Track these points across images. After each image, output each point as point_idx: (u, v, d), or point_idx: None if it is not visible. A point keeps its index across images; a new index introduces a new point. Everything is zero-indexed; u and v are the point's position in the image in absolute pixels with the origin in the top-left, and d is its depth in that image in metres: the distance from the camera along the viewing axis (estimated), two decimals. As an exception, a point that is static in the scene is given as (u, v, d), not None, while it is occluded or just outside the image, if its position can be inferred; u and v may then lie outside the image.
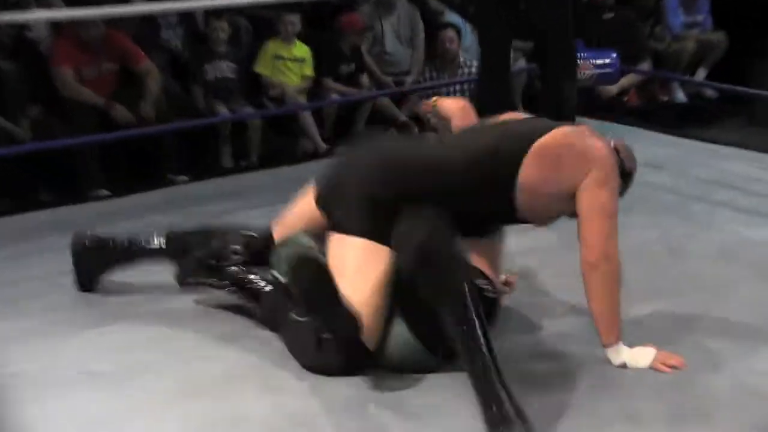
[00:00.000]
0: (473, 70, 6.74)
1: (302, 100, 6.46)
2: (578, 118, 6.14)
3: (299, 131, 6.42)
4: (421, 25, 7.27)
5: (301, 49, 6.53)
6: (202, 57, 6.29)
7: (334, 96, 6.53)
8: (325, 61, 6.63)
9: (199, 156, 6.06)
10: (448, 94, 6.81)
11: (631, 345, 2.97)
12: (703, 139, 5.82)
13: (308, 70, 6.53)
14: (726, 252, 4.00)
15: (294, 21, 6.47)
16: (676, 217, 4.43)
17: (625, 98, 7.55)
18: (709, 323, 3.32)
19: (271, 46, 6.45)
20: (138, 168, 5.60)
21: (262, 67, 6.43)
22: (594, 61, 5.77)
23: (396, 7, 7.18)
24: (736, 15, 7.74)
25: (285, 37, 6.46)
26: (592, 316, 2.97)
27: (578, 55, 5.78)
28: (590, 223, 2.95)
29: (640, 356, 2.97)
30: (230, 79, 6.32)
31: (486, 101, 4.76)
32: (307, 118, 6.38)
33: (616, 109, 7.11)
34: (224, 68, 6.29)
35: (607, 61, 5.80)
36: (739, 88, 6.49)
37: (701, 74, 7.86)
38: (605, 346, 2.98)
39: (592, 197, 2.95)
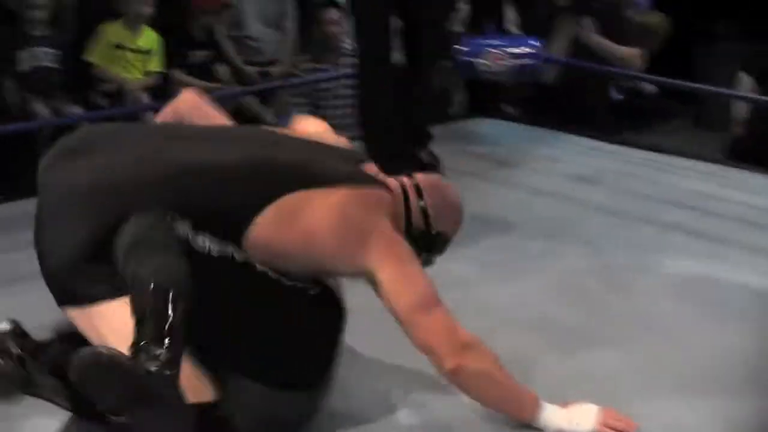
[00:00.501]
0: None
1: (145, 97, 6.39)
2: (482, 119, 6.27)
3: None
4: (290, 3, 7.27)
5: (149, 39, 6.47)
6: (14, 41, 6.17)
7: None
8: (173, 48, 6.57)
9: (10, 168, 5.93)
10: (328, 90, 6.83)
11: (566, 402, 3.00)
12: (643, 146, 5.93)
13: (154, 65, 6.48)
14: (678, 287, 4.07)
15: (148, 2, 6.39)
16: (616, 244, 4.50)
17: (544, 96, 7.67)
18: (660, 374, 3.37)
19: (110, 31, 6.36)
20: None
21: (95, 56, 6.34)
22: (509, 50, 5.81)
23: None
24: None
25: (130, 22, 6.37)
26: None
27: (491, 42, 5.85)
28: (414, 327, 2.89)
29: (580, 417, 2.99)
30: (51, 70, 6.22)
31: (369, 105, 4.79)
32: (149, 120, 6.33)
33: (534, 109, 7.22)
34: (43, 56, 6.19)
35: (527, 50, 5.83)
36: (684, 83, 6.64)
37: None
38: (530, 423, 3.02)
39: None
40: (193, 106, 3.29)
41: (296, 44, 7.16)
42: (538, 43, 5.91)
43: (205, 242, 2.74)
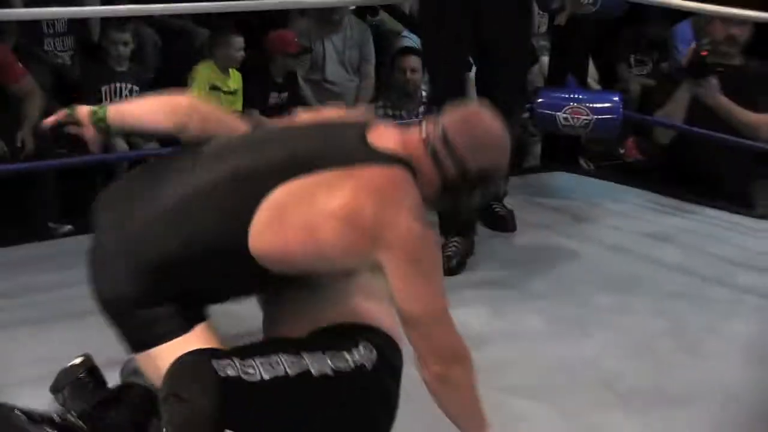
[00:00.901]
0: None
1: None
2: (559, 173, 6.24)
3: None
4: (371, 49, 7.29)
5: (236, 80, 6.50)
6: (98, 76, 6.23)
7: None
8: (252, 89, 6.60)
9: (87, 200, 5.96)
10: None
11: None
12: (719, 206, 5.85)
13: (239, 105, 6.52)
14: (753, 351, 4.01)
15: (239, 46, 6.44)
16: (690, 305, 4.44)
17: (621, 150, 7.61)
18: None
19: (205, 72, 6.39)
20: (10, 214, 5.50)
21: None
22: (592, 105, 5.79)
23: (342, 24, 7.19)
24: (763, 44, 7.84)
25: (223, 64, 6.42)
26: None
27: (571, 95, 5.82)
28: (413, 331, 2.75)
29: None
30: (132, 105, 6.26)
31: None
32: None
33: (609, 164, 7.18)
34: (125, 91, 6.24)
35: (609, 105, 5.81)
36: (757, 144, 6.55)
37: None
38: None
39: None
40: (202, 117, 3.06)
41: (374, 90, 7.17)
42: (618, 98, 5.88)
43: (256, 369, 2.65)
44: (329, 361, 2.66)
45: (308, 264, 2.72)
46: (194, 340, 2.71)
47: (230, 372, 2.56)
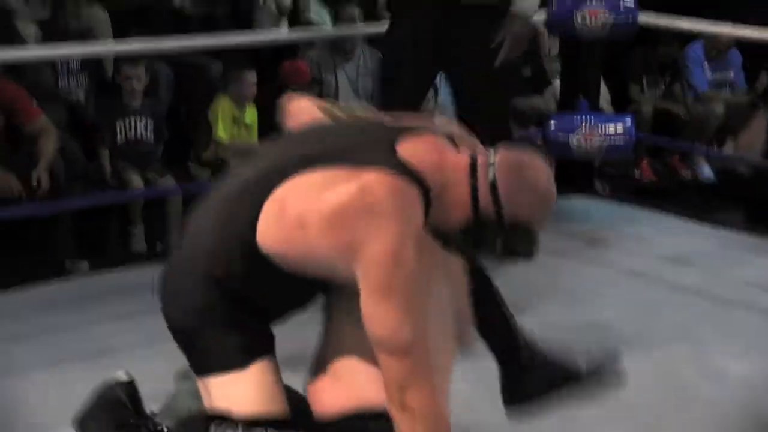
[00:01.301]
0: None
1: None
2: (574, 198, 6.20)
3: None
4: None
5: (252, 114, 6.51)
6: (112, 113, 6.22)
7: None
8: (267, 122, 6.59)
9: (103, 238, 5.97)
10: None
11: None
12: (738, 228, 5.82)
13: (255, 137, 6.52)
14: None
15: (252, 81, 6.44)
16: (713, 330, 4.40)
17: (636, 172, 7.59)
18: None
19: (226, 106, 6.39)
20: (26, 252, 5.49)
21: (222, 132, 6.38)
22: (604, 128, 5.77)
23: (354, 54, 7.17)
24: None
25: (238, 99, 6.43)
26: None
27: (584, 118, 5.80)
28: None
29: None
30: (147, 141, 6.26)
31: None
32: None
33: (624, 187, 7.15)
34: (140, 127, 6.23)
35: (620, 128, 5.79)
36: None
37: (732, 145, 7.92)
38: None
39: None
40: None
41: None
42: (630, 122, 5.85)
43: None
44: None
45: (305, 261, 2.62)
46: (248, 378, 2.65)
47: None
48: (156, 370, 2.85)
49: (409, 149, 2.60)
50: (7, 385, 3.69)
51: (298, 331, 2.93)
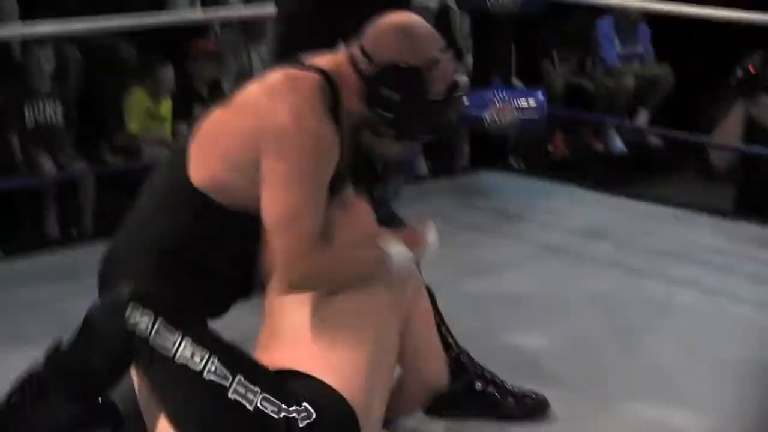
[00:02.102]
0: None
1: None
2: (489, 173, 6.21)
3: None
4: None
5: (167, 107, 6.49)
6: (20, 96, 6.13)
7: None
8: (177, 104, 6.54)
9: (14, 223, 5.89)
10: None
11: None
12: (650, 199, 5.84)
13: (168, 130, 6.49)
14: (688, 344, 3.99)
15: (170, 75, 6.45)
16: (625, 300, 4.40)
17: (550, 147, 7.62)
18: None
19: (140, 99, 6.34)
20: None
21: (134, 126, 6.32)
22: (517, 103, 5.75)
23: (267, 32, 7.11)
24: (682, 44, 7.90)
25: (155, 92, 6.38)
26: None
27: (495, 94, 5.78)
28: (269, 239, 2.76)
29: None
30: (57, 125, 6.18)
31: None
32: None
33: (538, 161, 7.17)
34: (49, 111, 6.15)
35: (533, 102, 5.76)
36: (689, 135, 6.58)
37: (643, 117, 8.00)
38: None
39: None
40: None
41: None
42: (542, 96, 5.83)
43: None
44: (257, 398, 2.54)
45: (231, 176, 2.77)
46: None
47: (140, 326, 2.53)
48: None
49: (310, 59, 2.85)
50: None
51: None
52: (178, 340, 2.52)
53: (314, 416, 2.56)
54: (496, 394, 3.37)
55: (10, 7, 6.71)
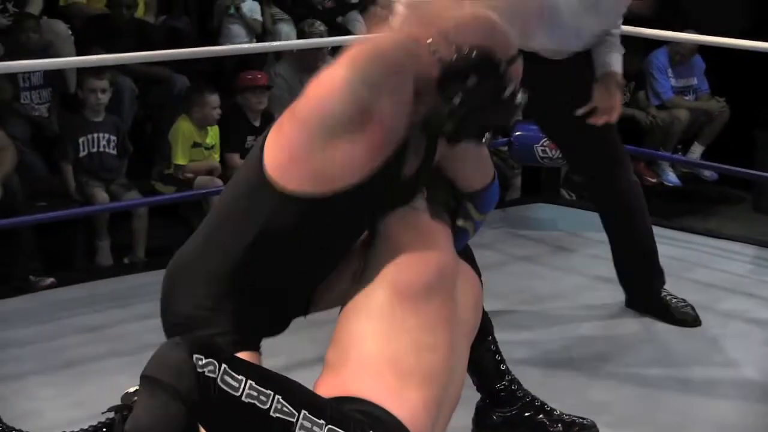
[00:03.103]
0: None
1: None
2: (541, 205, 6.24)
3: (198, 221, 6.35)
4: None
5: (214, 135, 6.53)
6: (75, 127, 6.22)
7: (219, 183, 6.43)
8: (229, 135, 6.61)
9: (69, 253, 5.96)
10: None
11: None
12: (701, 233, 5.87)
13: (217, 157, 6.55)
14: (736, 375, 4.03)
15: (215, 104, 6.46)
16: (676, 331, 4.42)
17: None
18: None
19: (186, 129, 6.39)
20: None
21: (180, 158, 6.38)
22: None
23: (320, 66, 7.18)
24: (738, 78, 7.88)
25: (200, 122, 6.44)
26: None
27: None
28: None
29: None
30: (110, 155, 6.26)
31: None
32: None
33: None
34: (103, 141, 6.23)
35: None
36: (743, 170, 6.57)
37: (697, 151, 7.99)
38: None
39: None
40: None
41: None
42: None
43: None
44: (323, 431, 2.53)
45: (308, 160, 2.69)
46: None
47: (207, 370, 2.45)
48: (122, 382, 2.84)
49: None
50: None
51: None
52: (244, 380, 2.47)
53: None
54: (546, 422, 3.43)
55: (65, 39, 6.84)
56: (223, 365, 2.46)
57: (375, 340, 2.71)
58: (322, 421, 2.51)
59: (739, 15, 7.96)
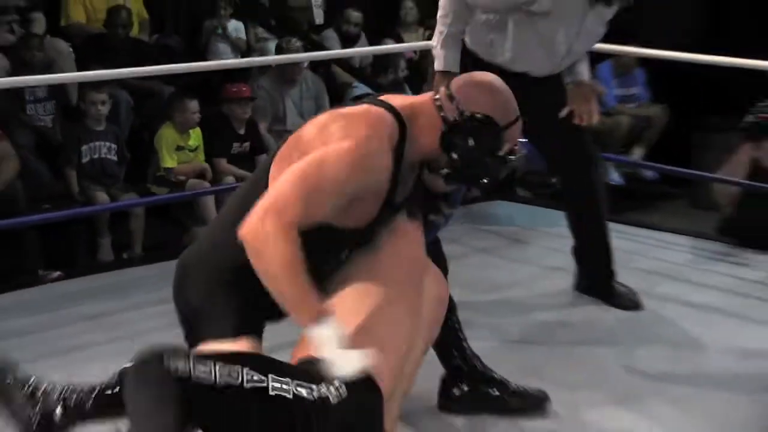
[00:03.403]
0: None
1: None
2: (499, 202, 6.27)
3: (189, 220, 6.37)
4: (326, 99, 7.35)
5: (196, 137, 6.54)
6: (78, 136, 6.22)
7: (230, 180, 6.49)
8: (215, 142, 6.62)
9: (73, 249, 5.97)
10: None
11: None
12: (643, 226, 5.91)
13: (201, 158, 6.55)
14: (673, 352, 4.07)
15: (194, 109, 6.47)
16: (621, 314, 4.46)
17: (553, 179, 7.66)
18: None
19: (169, 136, 6.40)
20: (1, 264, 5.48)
21: (168, 162, 6.38)
22: (523, 141, 5.82)
23: (298, 79, 7.22)
24: (675, 87, 7.95)
25: (182, 126, 6.44)
26: None
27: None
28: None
29: (348, 359, 2.63)
30: (110, 161, 6.26)
31: None
32: (209, 205, 6.34)
33: (542, 192, 7.22)
34: (103, 148, 6.24)
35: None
36: (680, 169, 6.63)
37: (638, 153, 8.05)
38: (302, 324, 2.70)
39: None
40: None
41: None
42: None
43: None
44: (293, 387, 2.58)
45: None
46: (233, 346, 2.74)
47: (180, 368, 2.47)
48: (122, 364, 2.86)
49: (388, 98, 2.90)
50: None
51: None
52: (212, 365, 2.51)
53: (345, 394, 2.61)
54: (503, 395, 3.47)
55: (66, 56, 6.84)
56: (192, 360, 2.50)
57: (349, 316, 2.77)
58: (288, 379, 2.57)
59: (678, 31, 8.01)
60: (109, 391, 2.62)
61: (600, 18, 4.09)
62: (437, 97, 2.90)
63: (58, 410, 2.66)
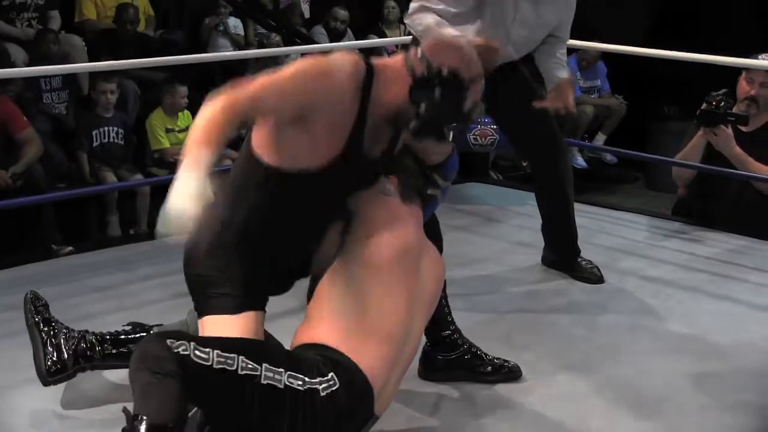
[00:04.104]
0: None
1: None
2: (473, 184, 6.22)
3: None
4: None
5: (186, 118, 6.49)
6: (89, 123, 6.17)
7: (227, 163, 6.42)
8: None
9: (85, 225, 5.93)
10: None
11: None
12: (604, 206, 5.87)
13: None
14: (633, 321, 4.03)
15: (184, 95, 6.42)
16: (584, 286, 4.42)
17: (524, 163, 7.64)
18: (625, 397, 3.34)
19: (158, 120, 6.35)
20: (18, 238, 5.42)
21: (159, 143, 6.33)
22: (494, 126, 5.80)
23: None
24: (633, 79, 7.94)
25: (171, 109, 6.38)
26: None
27: (478, 119, 5.81)
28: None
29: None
30: (118, 145, 6.22)
31: None
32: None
33: (513, 174, 7.21)
34: (112, 134, 6.19)
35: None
36: (638, 153, 6.61)
37: (600, 139, 8.03)
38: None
39: None
40: None
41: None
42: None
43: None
44: (284, 377, 2.53)
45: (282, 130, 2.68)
46: (235, 321, 2.71)
47: (181, 349, 2.43)
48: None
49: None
50: (5, 345, 3.64)
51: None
52: (211, 351, 2.46)
53: (337, 386, 2.57)
54: (479, 364, 3.43)
55: (79, 50, 6.79)
56: (192, 343, 2.46)
57: (346, 302, 2.72)
58: (281, 369, 2.53)
59: (636, 27, 7.99)
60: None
61: (533, 5, 4.01)
62: (408, 53, 2.80)
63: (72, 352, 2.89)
